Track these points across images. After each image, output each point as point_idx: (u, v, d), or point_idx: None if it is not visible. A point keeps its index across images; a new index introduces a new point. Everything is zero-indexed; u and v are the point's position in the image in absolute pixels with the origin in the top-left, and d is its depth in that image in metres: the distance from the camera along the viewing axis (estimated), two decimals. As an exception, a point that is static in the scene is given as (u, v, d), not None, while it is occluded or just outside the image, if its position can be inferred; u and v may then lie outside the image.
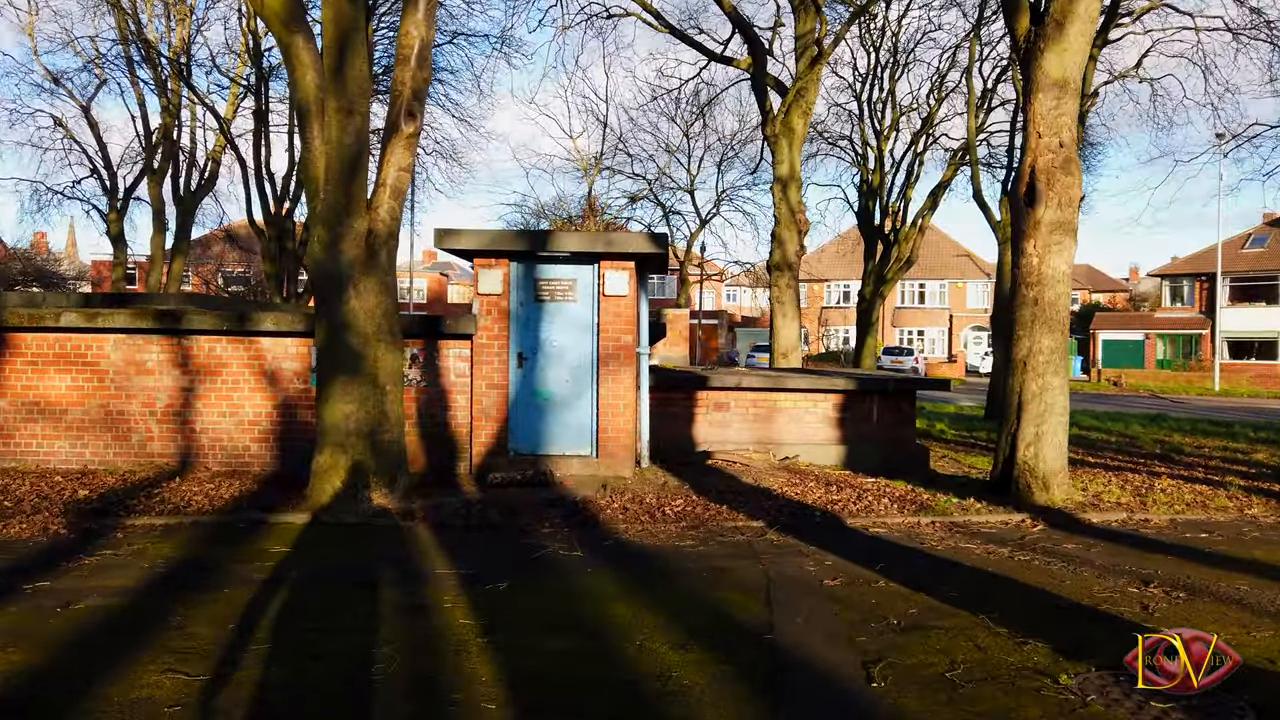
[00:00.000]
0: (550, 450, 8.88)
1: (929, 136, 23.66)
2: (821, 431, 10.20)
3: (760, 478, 8.90)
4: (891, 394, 10.16)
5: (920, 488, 8.40)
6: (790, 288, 15.93)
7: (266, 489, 7.68)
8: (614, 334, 8.74)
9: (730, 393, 10.19)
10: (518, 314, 8.83)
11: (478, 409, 8.75)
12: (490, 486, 8.03)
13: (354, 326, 6.75)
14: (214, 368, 8.89)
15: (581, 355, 8.85)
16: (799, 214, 15.94)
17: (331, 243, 6.72)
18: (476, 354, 8.76)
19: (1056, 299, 8.01)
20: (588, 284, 8.84)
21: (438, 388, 8.92)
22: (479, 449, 8.75)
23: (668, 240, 8.49)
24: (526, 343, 8.84)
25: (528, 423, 8.87)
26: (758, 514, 7.04)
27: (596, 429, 8.80)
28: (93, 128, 24.57)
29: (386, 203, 6.88)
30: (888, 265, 23.48)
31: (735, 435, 10.20)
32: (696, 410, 10.23)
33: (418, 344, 8.91)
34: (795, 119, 15.98)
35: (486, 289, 8.72)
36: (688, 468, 9.38)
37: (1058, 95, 8.15)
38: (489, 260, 8.73)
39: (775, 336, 15.98)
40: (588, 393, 8.85)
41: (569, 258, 8.75)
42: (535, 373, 8.85)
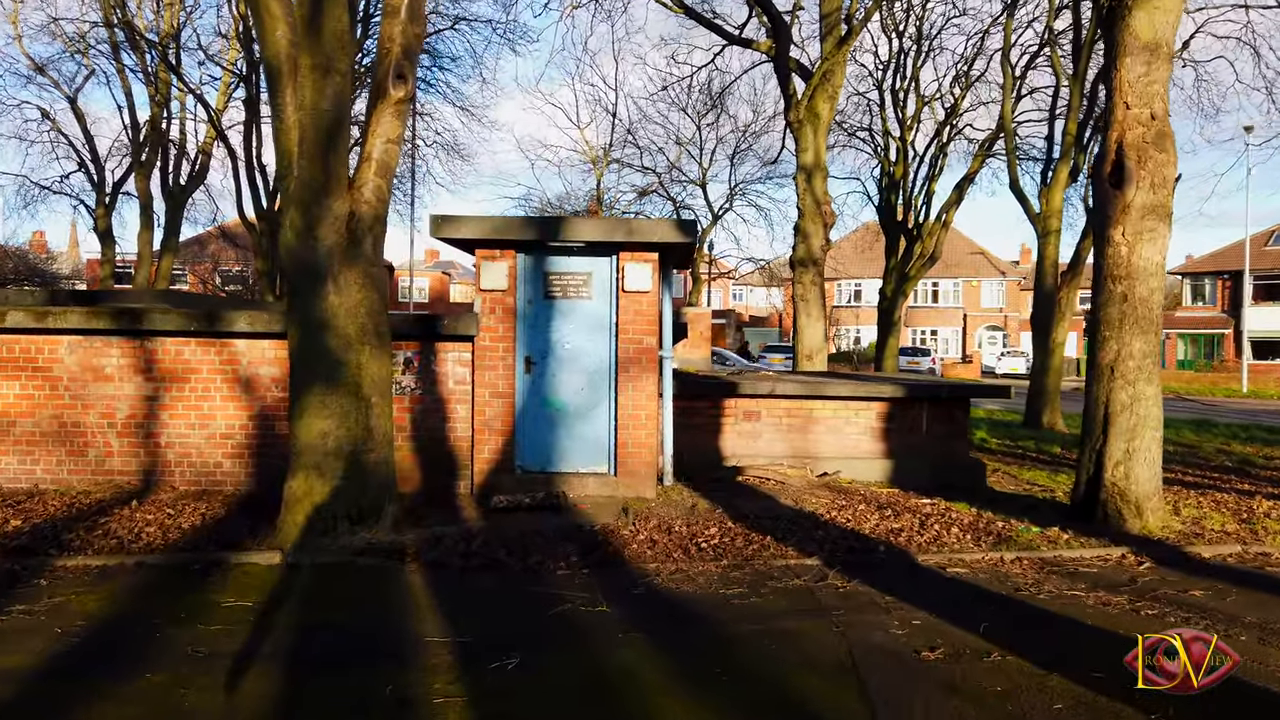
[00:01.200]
0: (562, 467, 7.81)
1: (952, 127, 22.57)
2: (864, 444, 9.12)
3: (801, 498, 7.82)
4: (943, 402, 9.08)
5: (988, 511, 7.32)
6: (815, 285, 14.85)
7: (235, 516, 6.62)
8: (635, 335, 7.67)
9: (761, 401, 9.12)
10: (525, 312, 7.77)
11: (480, 420, 7.69)
12: (494, 511, 6.97)
13: (333, 327, 5.69)
14: (181, 374, 7.84)
15: (598, 359, 7.78)
16: (824, 205, 14.86)
17: (306, 228, 5.66)
18: (478, 358, 7.70)
19: (1149, 295, 6.92)
20: (605, 278, 7.77)
21: (434, 396, 7.86)
22: (481, 466, 7.69)
23: (696, 228, 7.42)
24: (535, 345, 7.78)
25: (537, 436, 7.80)
26: (809, 547, 5.97)
27: (615, 443, 7.74)
28: (79, 119, 23.55)
29: (372, 181, 5.82)
30: (910, 262, 22.38)
31: (767, 447, 9.13)
32: (724, 420, 9.16)
33: (411, 347, 7.85)
34: (820, 103, 14.90)
35: (490, 284, 7.65)
36: (717, 486, 8.30)
37: (1148, 60, 7.06)
38: (492, 251, 7.67)
39: (799, 337, 14.90)
40: (605, 402, 7.78)
41: (584, 248, 7.68)
42: (545, 379, 7.78)
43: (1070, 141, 15.27)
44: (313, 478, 5.67)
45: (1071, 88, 15.28)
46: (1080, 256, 15.25)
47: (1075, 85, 15.14)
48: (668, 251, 7.79)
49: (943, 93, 22.71)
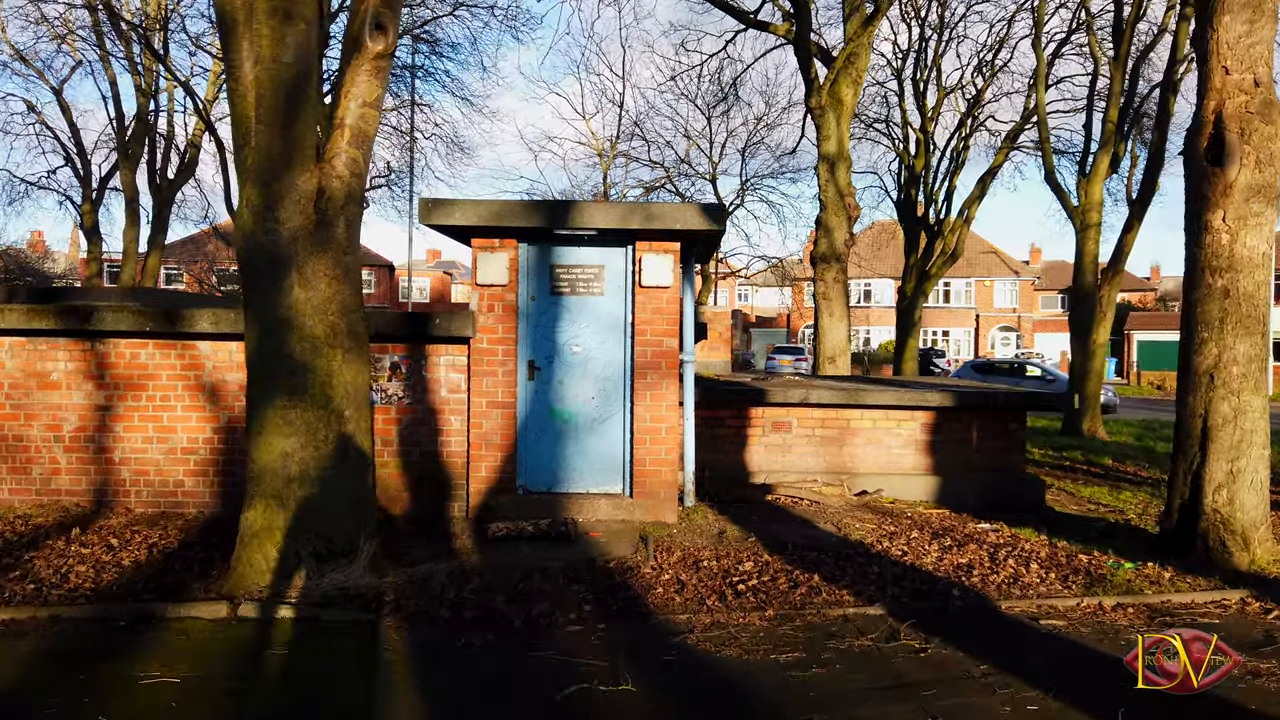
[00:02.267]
0: (571, 487, 6.85)
1: (974, 119, 21.57)
2: (907, 458, 8.15)
3: (843, 523, 6.85)
4: (996, 412, 8.11)
5: (1060, 539, 6.35)
6: (838, 282, 13.89)
7: (191, 548, 5.66)
8: (653, 336, 6.71)
9: (793, 410, 8.15)
10: (529, 310, 6.81)
11: (476, 433, 6.73)
12: (492, 541, 6.00)
13: (297, 327, 4.73)
14: (138, 380, 6.89)
15: (611, 364, 6.82)
16: (848, 197, 13.89)
17: (265, 208, 4.71)
18: (475, 362, 6.74)
19: (1255, 289, 5.95)
20: (619, 271, 6.81)
21: (425, 406, 6.90)
22: (478, 485, 6.73)
23: (724, 213, 6.45)
24: (540, 348, 6.82)
25: (541, 451, 6.84)
26: (867, 590, 5.00)
27: (630, 459, 6.77)
28: (65, 111, 22.65)
29: (345, 152, 4.86)
30: (930, 260, 21.40)
31: (798, 461, 8.16)
32: (750, 431, 8.20)
33: (399, 350, 6.90)
34: (844, 89, 13.93)
35: (488, 278, 6.69)
36: (745, 507, 7.34)
37: (1250, 18, 6.08)
38: (491, 241, 6.71)
39: (820, 338, 13.93)
40: (619, 413, 6.82)
41: (595, 237, 6.72)
42: (551, 386, 6.82)
43: (1110, 130, 14.29)
44: (272, 508, 4.70)
45: (1112, 73, 14.30)
46: (1122, 251, 14.27)
47: (1116, 69, 14.16)
48: (691, 241, 6.83)
49: (964, 83, 21.74)
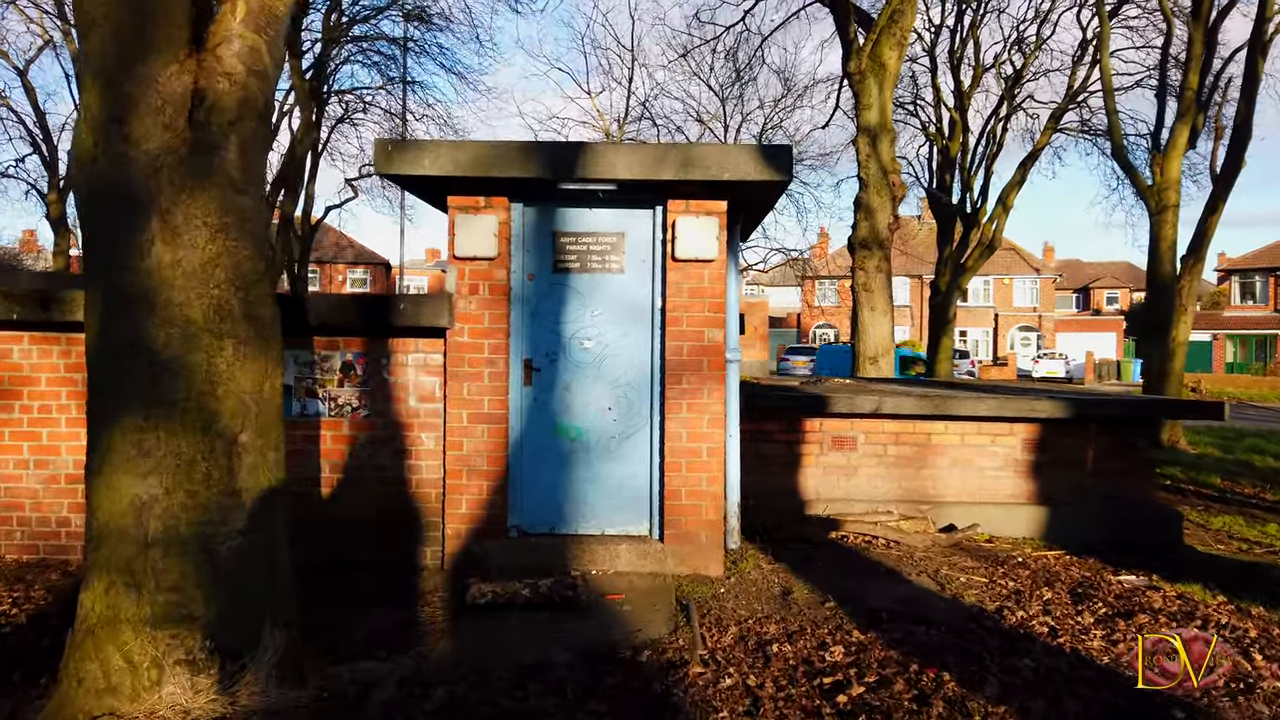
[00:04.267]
0: (580, 527, 5.16)
1: (1013, 99, 19.86)
2: (1003, 483, 6.44)
3: (943, 575, 5.15)
4: (1117, 424, 6.39)
5: (1256, 605, 4.64)
6: (881, 271, 12.18)
7: (41, 624, 3.98)
8: (691, 327, 5.01)
9: (858, 422, 6.45)
10: (525, 293, 5.12)
11: (455, 456, 5.04)
12: (471, 610, 4.30)
13: (161, 305, 3.04)
14: (9, 385, 5.21)
15: (633, 364, 5.13)
16: (893, 174, 12.19)
17: (111, 119, 3.02)
18: (454, 361, 5.05)
19: None
20: (644, 240, 5.12)
21: (388, 419, 5.21)
22: (457, 525, 5.04)
23: (789, 158, 4.74)
24: (540, 342, 5.13)
25: (541, 480, 5.15)
26: (1031, 702, 3.29)
27: (660, 491, 5.08)
28: (29, 94, 21.03)
29: (238, 36, 3.16)
30: (967, 251, 19.67)
31: (865, 487, 6.46)
32: (804, 448, 6.50)
33: (353, 345, 5.21)
34: (887, 51, 12.24)
35: (470, 248, 5.00)
36: (806, 551, 5.65)
37: None
38: (474, 200, 5.02)
39: (860, 335, 12.23)
40: (644, 428, 5.13)
41: (614, 194, 5.03)
42: (554, 394, 5.13)
43: (1190, 98, 12.57)
44: (120, 589, 3.00)
45: (1191, 33, 12.58)
46: (1205, 235, 12.54)
47: (1196, 29, 12.45)
48: (740, 197, 5.13)
49: (1001, 60, 19.99)
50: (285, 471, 3.43)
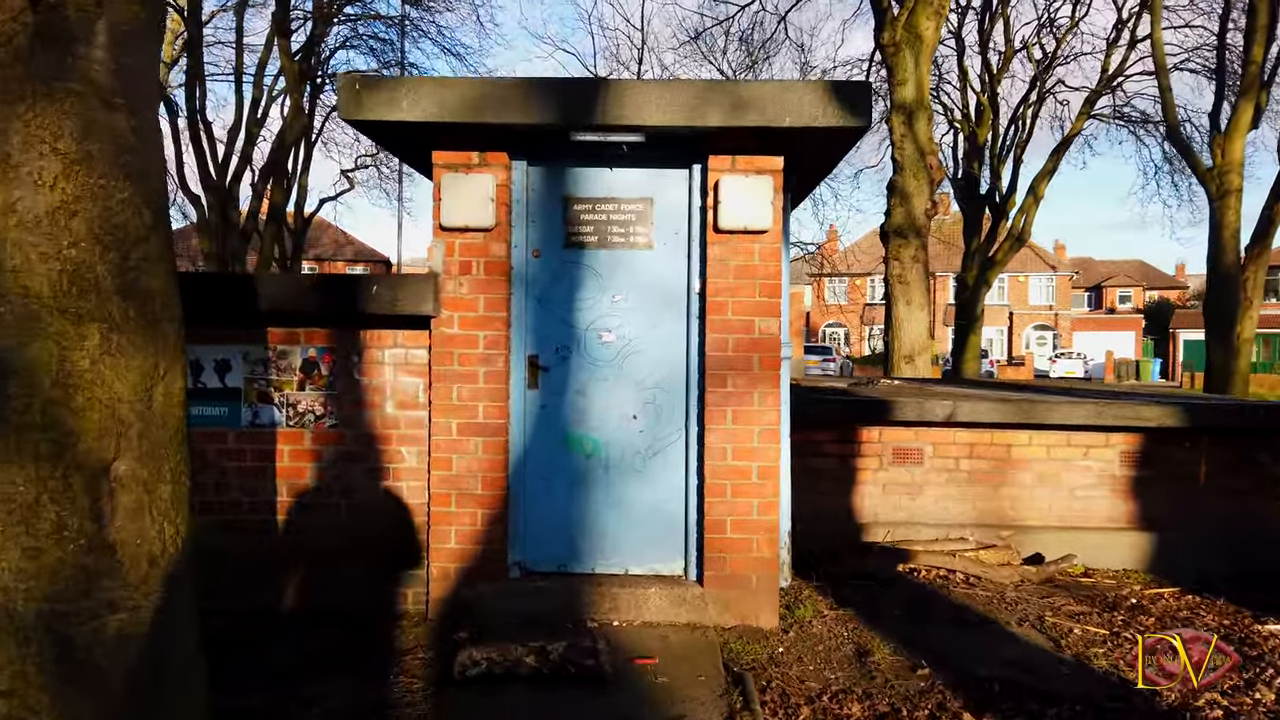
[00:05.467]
0: (599, 564, 4.14)
1: (1042, 84, 18.81)
2: (1099, 503, 5.42)
3: (1049, 623, 4.13)
4: (1236, 434, 5.36)
5: None
6: (918, 261, 11.16)
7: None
8: (738, 316, 3.99)
9: (924, 431, 5.43)
10: (529, 273, 4.11)
11: (442, 477, 4.02)
12: (461, 684, 3.27)
13: (-15, 271, 2.02)
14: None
15: (664, 361, 4.11)
16: (930, 155, 11.17)
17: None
18: (441, 358, 4.03)
19: None
20: (678, 207, 4.10)
21: (359, 430, 4.20)
22: (444, 563, 4.02)
23: (869, 100, 3.71)
24: (548, 334, 4.12)
25: (550, 505, 4.13)
26: None
27: (699, 520, 4.06)
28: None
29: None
30: (995, 244, 18.64)
31: (932, 508, 5.44)
32: (859, 462, 5.49)
33: (316, 338, 4.20)
34: (923, 20, 11.21)
35: (461, 216, 3.98)
36: (872, 590, 4.64)
37: None
38: (465, 155, 4.00)
39: (895, 332, 11.21)
40: (678, 440, 4.11)
41: (641, 146, 4.01)
42: (566, 398, 4.12)
43: (1254, 73, 11.52)
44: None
45: (1256, 3, 11.53)
46: (1272, 221, 11.49)
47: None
48: (801, 151, 4.10)
49: (1030, 43, 18.92)
50: (195, 510, 2.43)
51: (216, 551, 4.19)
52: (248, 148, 16.90)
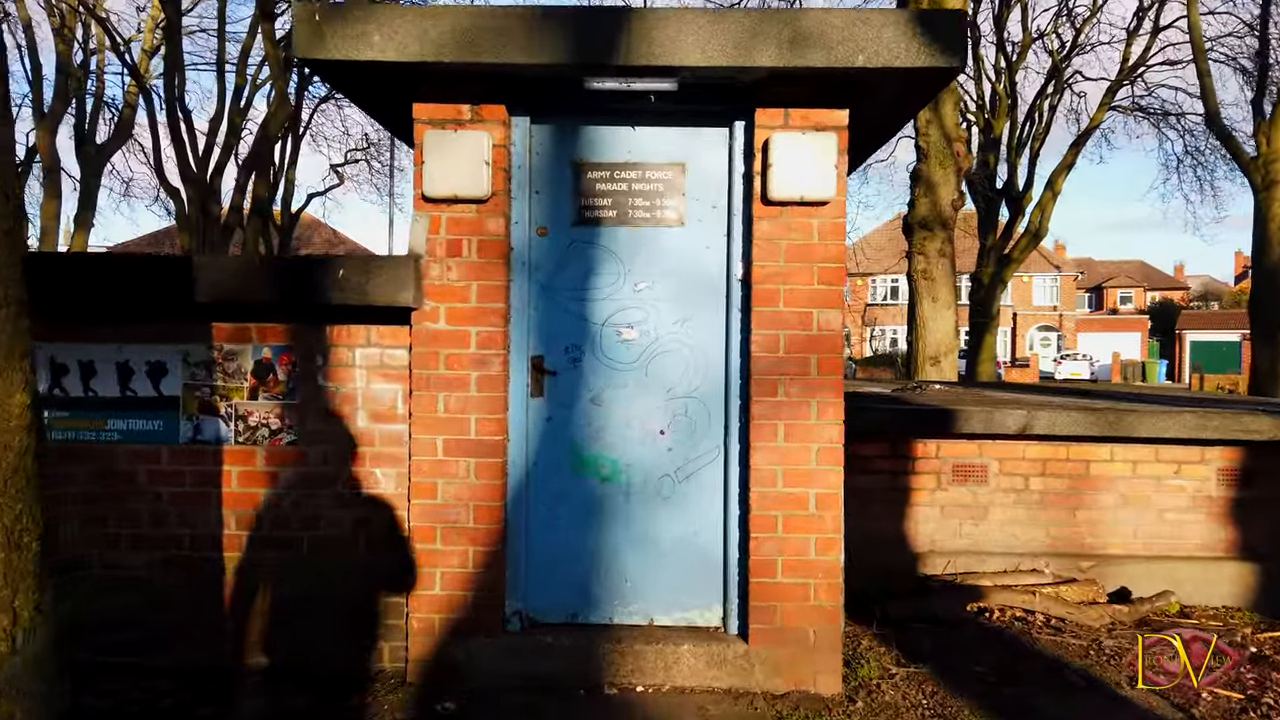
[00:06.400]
0: (617, 614, 3.37)
1: (1061, 74, 18.11)
2: (1191, 529, 4.67)
3: (1186, 694, 3.35)
4: (1355, 448, 4.61)
5: None
6: (944, 256, 10.42)
7: None
8: (794, 307, 3.22)
9: (991, 444, 4.67)
10: (533, 256, 3.34)
11: (425, 506, 3.25)
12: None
13: None
14: None
15: (699, 364, 3.34)
16: (957, 142, 10.43)
17: None
18: (423, 360, 3.26)
19: None
20: (715, 173, 3.34)
21: (324, 448, 3.42)
22: (427, 613, 3.25)
23: (963, 35, 2.93)
24: (556, 330, 3.35)
25: (558, 541, 3.36)
26: None
27: (742, 559, 3.29)
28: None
29: None
30: (1011, 241, 17.93)
31: (999, 535, 4.68)
32: (913, 480, 4.72)
33: (272, 335, 3.43)
34: (951, -4, 10.43)
35: (448, 184, 3.20)
36: (942, 636, 3.88)
37: None
38: (455, 109, 3.23)
39: (919, 332, 10.45)
40: (715, 462, 3.34)
41: (671, 98, 3.24)
42: (578, 409, 3.35)
43: (1302, 55, 10.81)
44: None
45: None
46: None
47: (1309, -25, 10.71)
48: (871, 102, 3.33)
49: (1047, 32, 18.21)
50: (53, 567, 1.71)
51: (151, 596, 3.42)
52: (230, 139, 16.09)
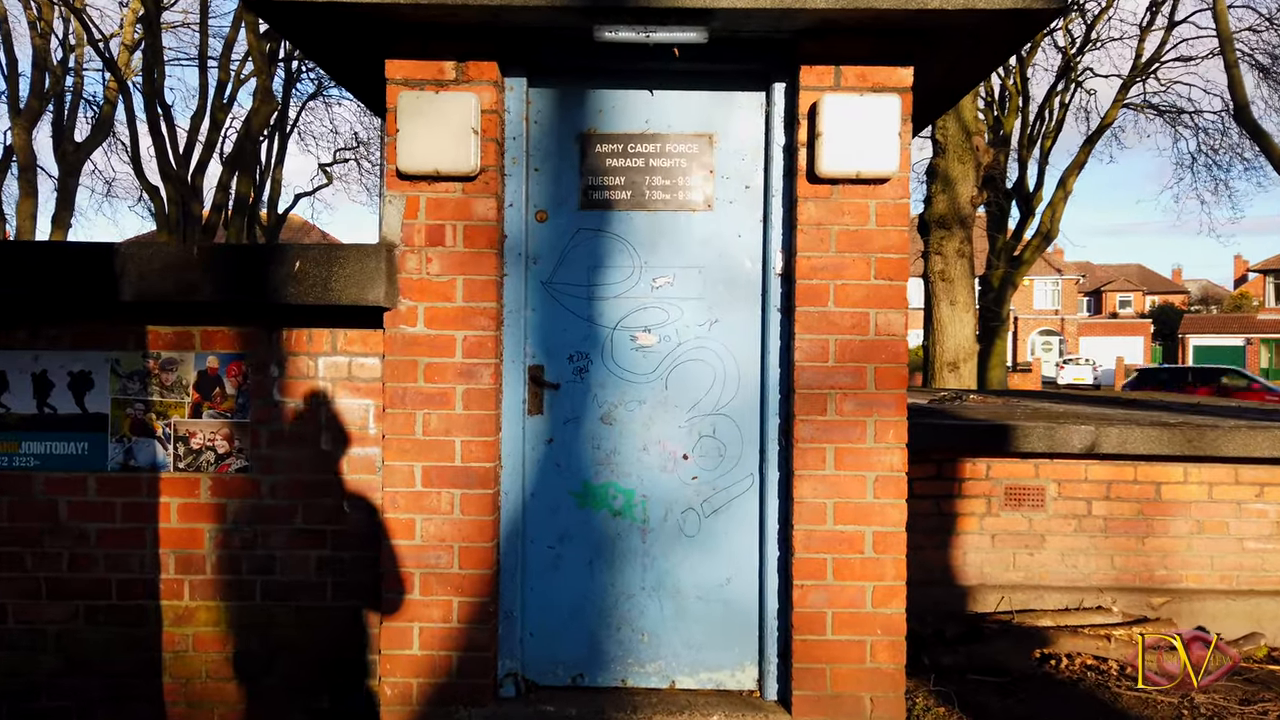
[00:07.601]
0: (631, 674, 2.79)
1: (1073, 71, 17.63)
2: (1275, 559, 4.12)
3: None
4: None
5: None
6: (962, 255, 9.88)
7: None
8: (846, 306, 2.66)
9: (1049, 464, 4.12)
10: (529, 244, 2.77)
11: (399, 548, 2.68)
12: None
13: None
14: None
15: (730, 374, 2.78)
16: (977, 136, 9.91)
17: None
18: (399, 371, 2.69)
19: None
20: (748, 145, 2.78)
21: (280, 477, 2.85)
22: (402, 675, 2.67)
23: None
24: (558, 335, 2.78)
25: (561, 587, 2.79)
26: None
27: (785, 610, 2.72)
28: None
29: None
30: (1021, 242, 17.44)
31: (1058, 566, 4.13)
32: (959, 505, 4.17)
33: (219, 341, 2.86)
34: (969, -15, 9.89)
35: (428, 157, 2.63)
36: (1006, 692, 3.32)
37: None
38: (436, 66, 2.66)
39: (936, 335, 9.91)
40: (750, 492, 2.77)
41: (698, 51, 2.68)
42: (585, 429, 2.78)
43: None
44: None
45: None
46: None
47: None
48: (940, 57, 2.78)
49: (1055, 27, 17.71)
50: None
51: (72, 656, 2.85)
52: (212, 135, 15.48)
